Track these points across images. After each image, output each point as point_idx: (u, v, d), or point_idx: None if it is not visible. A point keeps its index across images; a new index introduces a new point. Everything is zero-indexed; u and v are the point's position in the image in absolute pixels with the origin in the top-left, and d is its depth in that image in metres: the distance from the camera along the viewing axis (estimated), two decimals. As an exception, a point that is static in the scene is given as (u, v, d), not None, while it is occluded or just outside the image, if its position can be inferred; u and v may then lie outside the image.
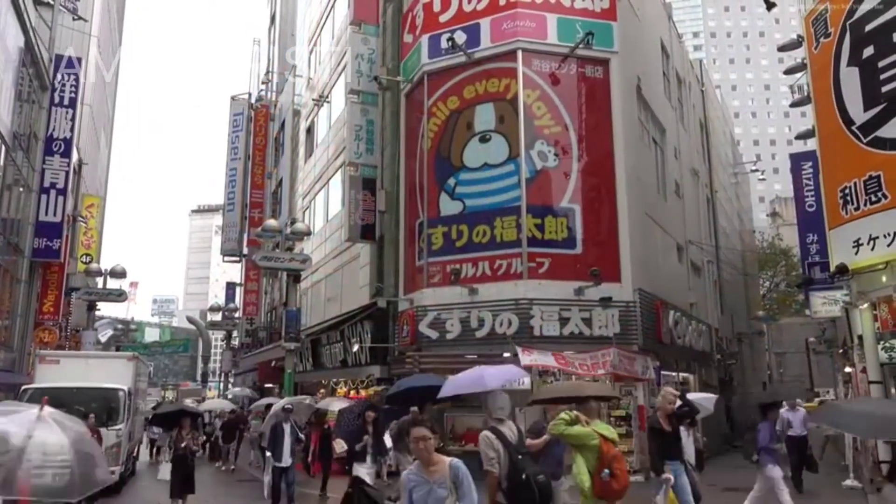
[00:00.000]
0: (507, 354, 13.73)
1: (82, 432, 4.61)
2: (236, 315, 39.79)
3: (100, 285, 25.38)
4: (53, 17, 21.90)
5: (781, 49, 15.77)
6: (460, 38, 16.52)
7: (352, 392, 20.82)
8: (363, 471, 10.06)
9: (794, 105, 16.73)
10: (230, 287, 45.20)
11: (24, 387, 14.16)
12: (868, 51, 11.76)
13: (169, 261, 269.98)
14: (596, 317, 14.69)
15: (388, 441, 11.11)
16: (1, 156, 17.07)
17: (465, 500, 4.15)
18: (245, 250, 36.13)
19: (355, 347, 18.18)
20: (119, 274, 24.94)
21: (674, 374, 18.69)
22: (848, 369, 17.89)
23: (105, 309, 36.23)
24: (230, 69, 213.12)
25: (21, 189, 19.69)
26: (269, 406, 16.33)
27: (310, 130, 28.06)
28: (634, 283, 15.34)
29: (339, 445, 11.87)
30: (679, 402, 8.01)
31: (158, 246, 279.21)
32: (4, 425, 4.09)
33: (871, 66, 11.66)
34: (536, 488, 5.35)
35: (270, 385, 29.17)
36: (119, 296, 25.68)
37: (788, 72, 15.56)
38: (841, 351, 20.74)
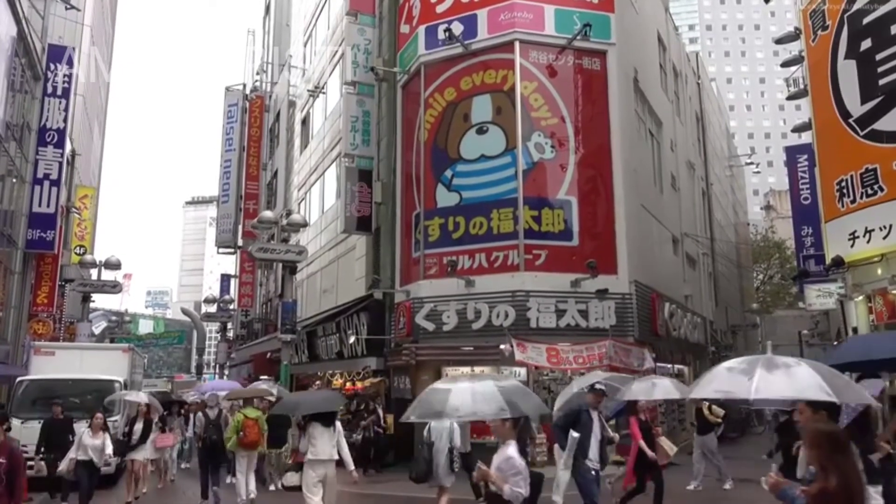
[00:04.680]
0: (503, 346, 13.74)
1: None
2: (231, 307, 39.67)
3: (94, 277, 25.26)
4: (46, 7, 21.73)
5: (778, 42, 15.77)
6: (457, 28, 16.44)
7: (347, 384, 20.84)
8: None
9: (791, 98, 16.78)
10: (225, 278, 45.02)
11: (19, 378, 14.17)
12: (866, 43, 11.79)
13: (163, 252, 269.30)
14: (592, 309, 14.72)
15: None
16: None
17: None
18: (240, 242, 35.96)
19: (351, 339, 18.15)
20: (113, 265, 24.84)
21: (669, 366, 18.77)
22: (841, 361, 17.97)
23: (99, 301, 36.10)
24: (225, 59, 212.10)
25: (14, 180, 19.57)
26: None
27: (305, 121, 27.93)
28: (630, 275, 15.37)
29: (668, 446, 9.60)
30: None
31: (152, 237, 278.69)
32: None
33: (868, 58, 11.69)
34: (210, 443, 11.13)
35: (266, 377, 29.13)
36: (113, 287, 25.62)
37: (785, 64, 15.59)
38: (835, 343, 20.86)
